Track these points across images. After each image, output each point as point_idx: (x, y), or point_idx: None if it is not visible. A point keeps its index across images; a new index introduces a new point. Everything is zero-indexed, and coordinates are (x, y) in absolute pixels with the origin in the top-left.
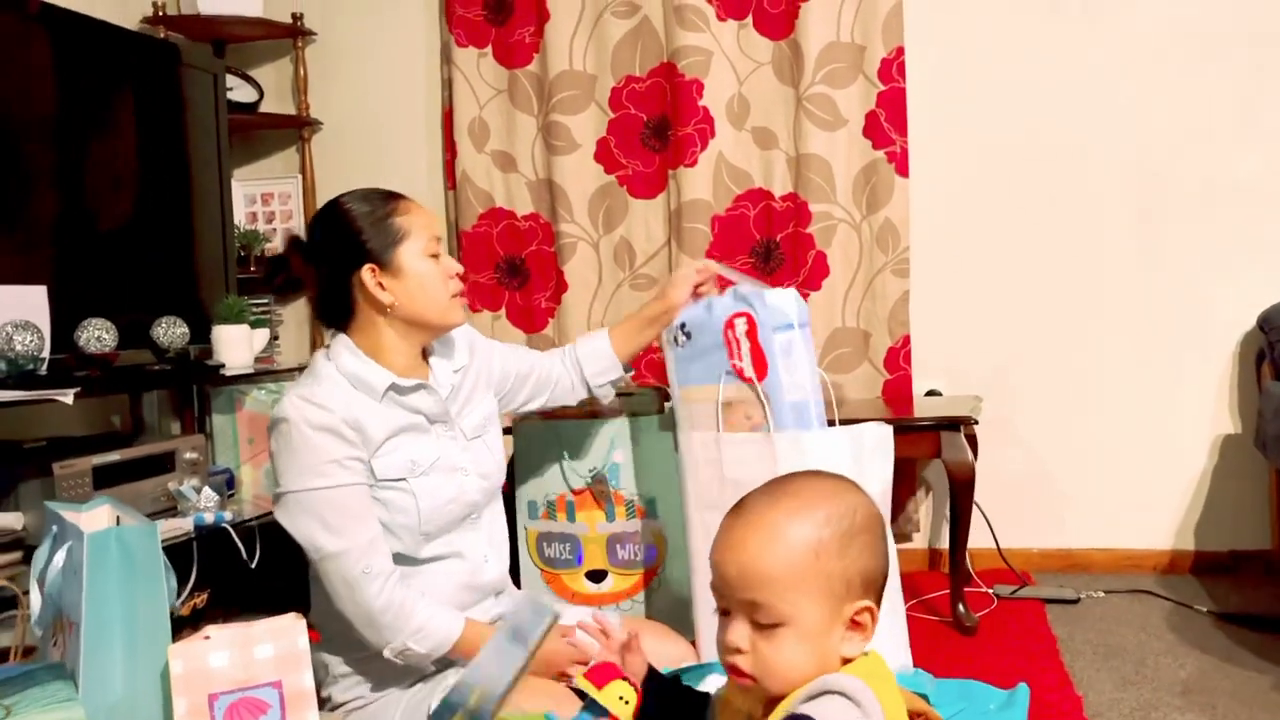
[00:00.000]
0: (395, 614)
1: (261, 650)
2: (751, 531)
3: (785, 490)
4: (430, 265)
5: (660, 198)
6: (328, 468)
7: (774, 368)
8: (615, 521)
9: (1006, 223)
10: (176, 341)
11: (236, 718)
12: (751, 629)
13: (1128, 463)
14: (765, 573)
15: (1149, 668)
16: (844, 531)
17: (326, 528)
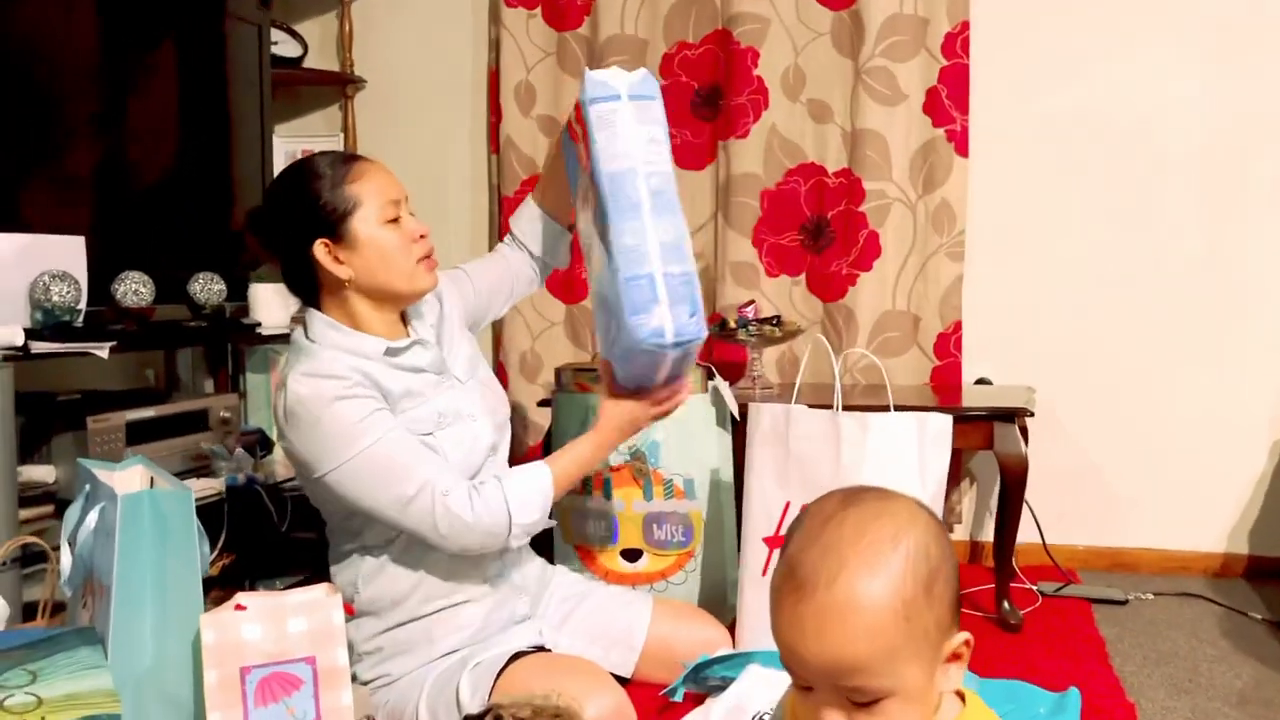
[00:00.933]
0: (492, 513)
1: (295, 624)
2: (827, 617)
3: (843, 543)
4: (387, 232)
5: (708, 169)
6: (362, 426)
7: (591, 141)
8: (653, 501)
9: (1067, 208)
10: (213, 298)
11: (269, 692)
12: (849, 708)
13: (1182, 461)
14: (857, 661)
15: (1203, 675)
16: (925, 577)
17: (390, 481)
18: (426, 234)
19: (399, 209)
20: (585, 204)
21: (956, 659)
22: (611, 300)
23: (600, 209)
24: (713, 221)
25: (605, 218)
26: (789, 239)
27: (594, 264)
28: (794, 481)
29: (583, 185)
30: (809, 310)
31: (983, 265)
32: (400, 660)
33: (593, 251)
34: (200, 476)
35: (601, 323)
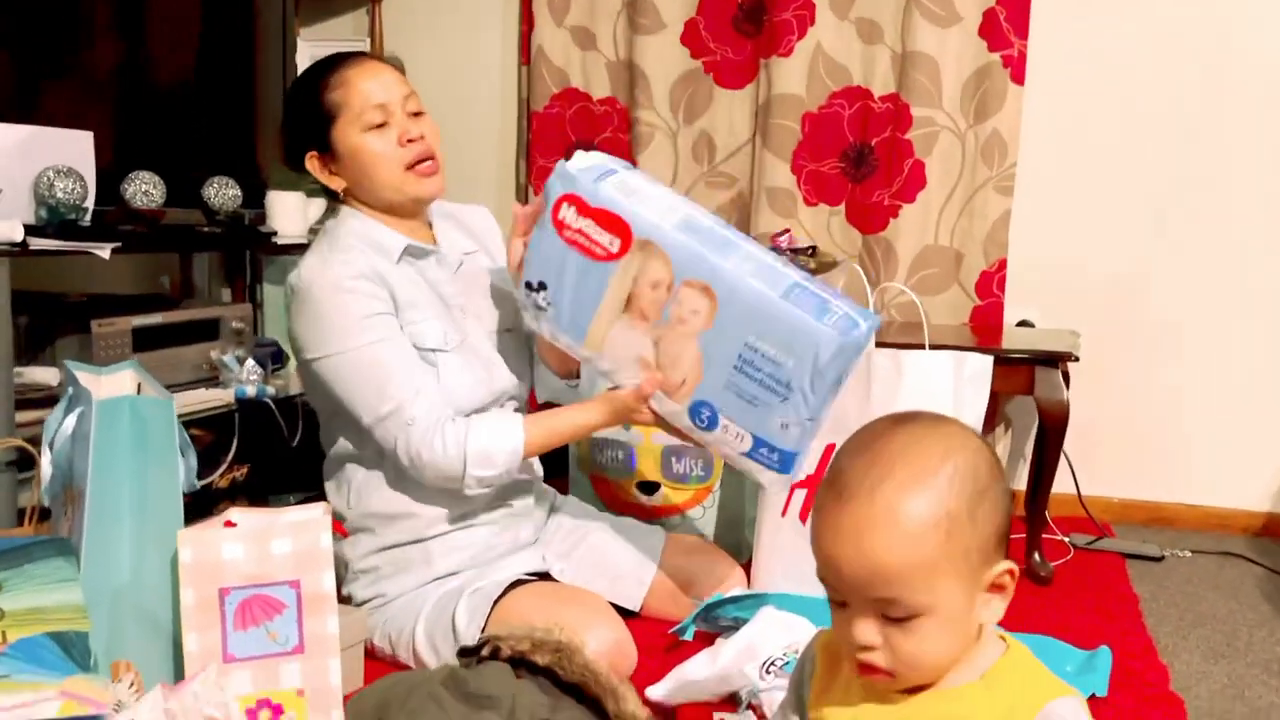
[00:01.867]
0: (449, 459)
1: (279, 545)
2: (867, 523)
3: (891, 455)
4: (368, 140)
5: (748, 89)
6: (362, 324)
7: (628, 213)
8: None
9: (1126, 144)
10: (228, 203)
11: (249, 615)
12: (883, 623)
13: (1228, 416)
14: (893, 570)
15: (1241, 640)
16: (971, 495)
17: (369, 389)
18: (419, 137)
19: (385, 114)
20: (645, 293)
21: (999, 590)
22: (763, 333)
23: (683, 269)
24: (750, 144)
25: (701, 266)
26: (829, 166)
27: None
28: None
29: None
30: (847, 242)
31: (1032, 201)
32: (397, 580)
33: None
34: (209, 387)
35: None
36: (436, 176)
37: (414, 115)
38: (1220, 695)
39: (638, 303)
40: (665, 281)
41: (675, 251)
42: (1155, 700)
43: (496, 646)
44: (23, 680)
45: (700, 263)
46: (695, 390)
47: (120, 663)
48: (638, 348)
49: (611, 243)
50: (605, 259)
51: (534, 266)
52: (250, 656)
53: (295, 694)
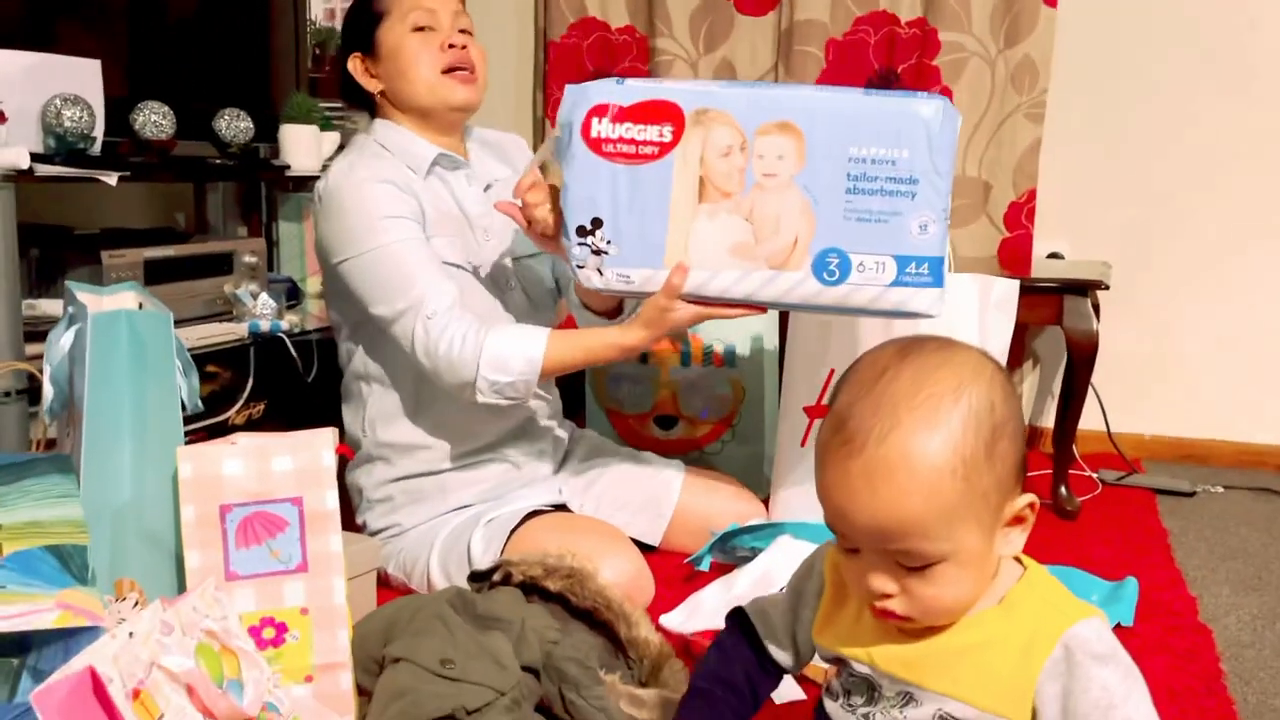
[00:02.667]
0: (463, 358)
1: (280, 463)
2: (878, 474)
3: (897, 398)
4: (410, 40)
5: (770, 15)
6: (386, 224)
7: (671, 91)
8: (691, 367)
9: (1161, 70)
10: (239, 136)
11: (250, 533)
12: (899, 571)
13: (1262, 348)
14: (909, 522)
15: (1273, 573)
16: (987, 435)
17: (389, 286)
18: (460, 44)
19: (432, 18)
20: (719, 181)
21: (1019, 522)
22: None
23: (750, 119)
24: (773, 73)
25: (770, 107)
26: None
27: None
28: (838, 347)
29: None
30: None
31: (1064, 130)
32: (411, 510)
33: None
34: (223, 321)
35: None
36: (473, 85)
37: (462, 32)
38: (1249, 626)
39: (713, 183)
40: (737, 143)
41: (736, 106)
42: (1182, 630)
43: (508, 572)
44: (19, 591)
45: (768, 104)
46: (813, 242)
47: (124, 580)
48: (732, 234)
49: (663, 132)
50: (660, 155)
51: (577, 208)
52: (253, 574)
53: (299, 612)
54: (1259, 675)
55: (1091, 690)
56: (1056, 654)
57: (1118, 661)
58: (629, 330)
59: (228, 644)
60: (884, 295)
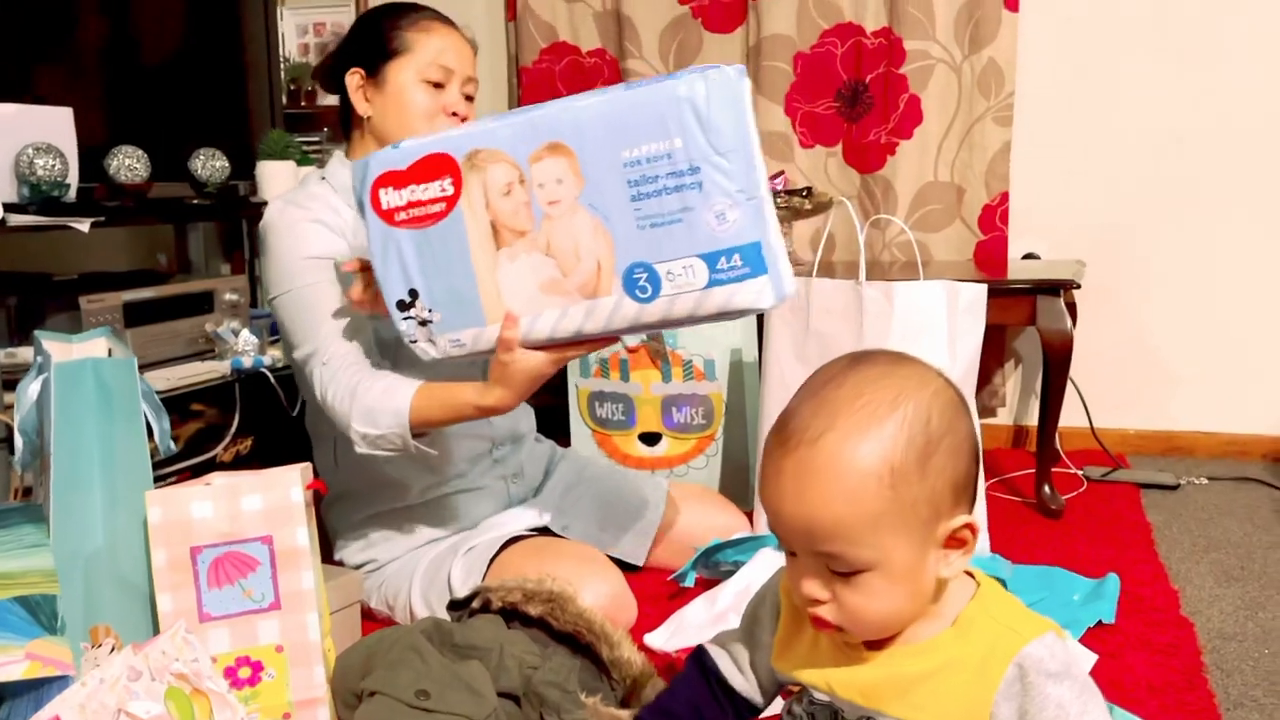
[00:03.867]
0: (341, 407)
1: (250, 502)
2: (807, 473)
3: (837, 402)
4: (420, 92)
5: (738, 32)
6: (303, 264)
7: (438, 142)
8: (671, 383)
9: (1125, 67)
10: (216, 175)
11: (222, 573)
12: (829, 577)
13: (1241, 339)
14: (833, 523)
15: (1256, 562)
16: (921, 447)
17: (299, 329)
18: (463, 115)
19: (446, 76)
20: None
21: (959, 544)
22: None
23: (520, 148)
24: None
25: (532, 130)
26: (824, 106)
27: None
28: (813, 358)
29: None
30: (845, 183)
31: (1033, 131)
32: (386, 546)
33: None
34: (206, 360)
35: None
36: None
37: (468, 98)
38: (1231, 617)
39: (504, 225)
40: (515, 177)
41: (503, 139)
42: (1163, 624)
43: (488, 599)
44: None
45: (532, 129)
46: (616, 261)
47: (99, 627)
48: (539, 272)
49: (444, 187)
50: (447, 210)
51: (390, 283)
52: (226, 614)
53: (274, 650)
54: (1241, 667)
55: (1047, 709)
56: (1010, 674)
57: (1072, 678)
58: (487, 391)
59: (199, 686)
60: (705, 299)
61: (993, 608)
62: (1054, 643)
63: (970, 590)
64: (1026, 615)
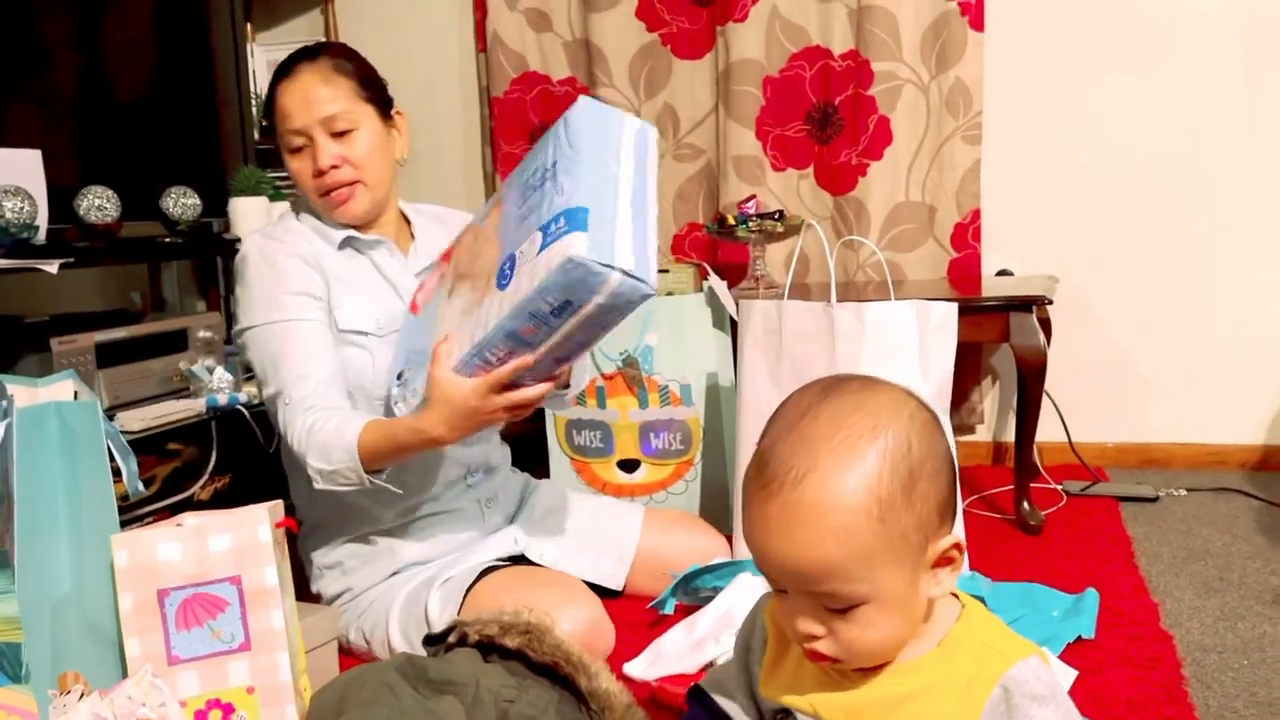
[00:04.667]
0: (304, 437)
1: (217, 543)
2: (794, 516)
3: (814, 439)
4: (290, 162)
5: (707, 58)
6: (280, 299)
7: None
8: (649, 409)
9: (1093, 83)
10: (188, 213)
11: (190, 615)
12: (824, 613)
13: (1217, 349)
14: (825, 563)
15: (1235, 573)
16: (905, 476)
17: (269, 365)
18: (330, 168)
19: (304, 138)
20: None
21: (947, 563)
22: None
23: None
24: (713, 114)
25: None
26: (794, 129)
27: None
28: (788, 381)
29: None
30: (818, 205)
31: (1002, 149)
32: (363, 573)
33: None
34: (181, 398)
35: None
36: (351, 203)
37: (338, 135)
38: (1211, 629)
39: (457, 275)
40: (472, 234)
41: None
42: (1144, 638)
43: (464, 633)
44: None
45: (488, 205)
46: (498, 264)
47: (68, 673)
48: (464, 300)
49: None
50: (438, 286)
51: (393, 363)
52: (195, 657)
53: (245, 691)
54: (1221, 679)
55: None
56: (995, 696)
57: (1057, 702)
58: (422, 415)
59: None
60: (538, 264)
61: (978, 629)
62: (1039, 666)
63: (955, 611)
64: (1011, 638)
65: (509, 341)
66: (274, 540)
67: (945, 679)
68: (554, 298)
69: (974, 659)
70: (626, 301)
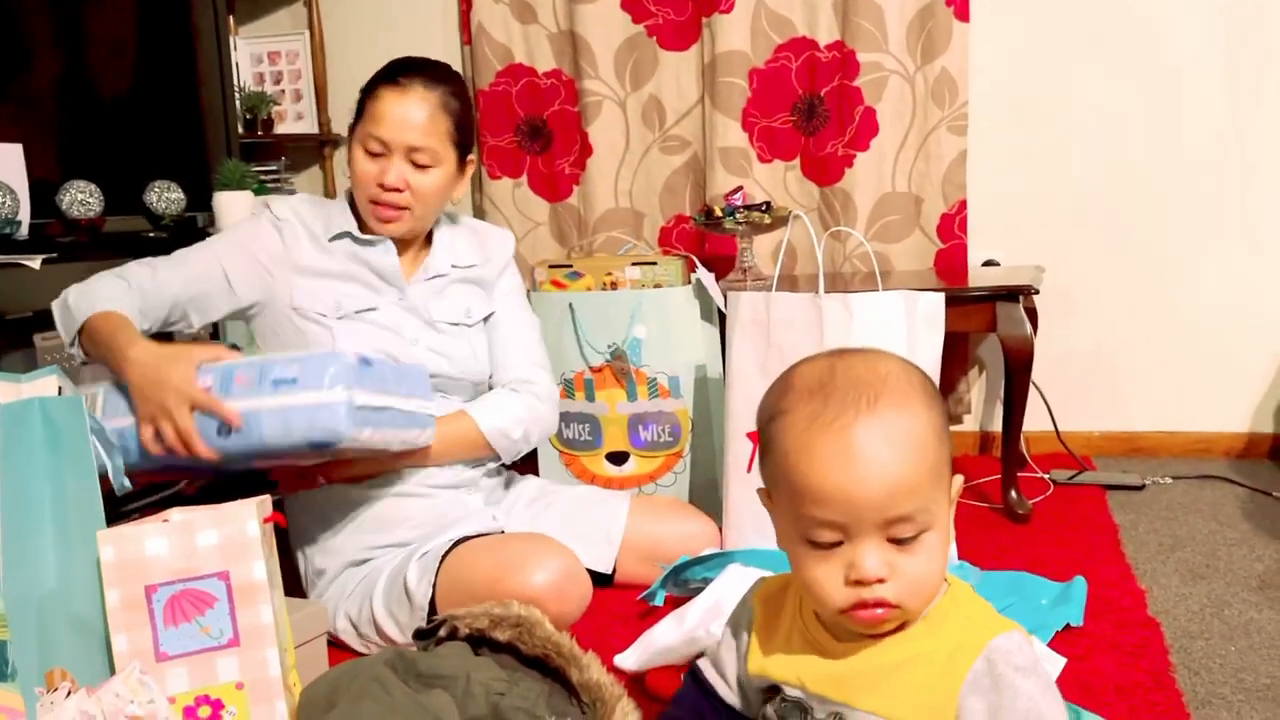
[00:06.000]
0: (91, 282)
1: (205, 538)
2: (879, 438)
3: (866, 375)
4: (360, 157)
5: (693, 49)
6: (228, 243)
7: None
8: (637, 401)
9: (1078, 73)
10: (172, 207)
11: (179, 611)
12: (889, 550)
13: (1203, 338)
14: (913, 480)
15: (1221, 560)
16: (940, 409)
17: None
18: (394, 187)
19: (383, 147)
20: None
21: (952, 505)
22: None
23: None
24: (699, 106)
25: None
26: (781, 120)
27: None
28: (775, 371)
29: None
30: (804, 196)
31: (988, 139)
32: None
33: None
34: None
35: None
36: (393, 225)
37: (418, 165)
38: (1198, 615)
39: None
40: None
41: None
42: (1131, 625)
43: (454, 626)
44: None
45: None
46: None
47: (55, 670)
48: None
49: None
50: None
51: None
52: (184, 653)
53: (234, 687)
54: (1208, 665)
55: (1020, 700)
56: (978, 667)
57: (1039, 675)
58: (140, 347)
59: None
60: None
61: (964, 605)
62: (1021, 640)
63: (942, 589)
64: (995, 615)
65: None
66: (262, 535)
67: (929, 650)
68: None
69: (958, 631)
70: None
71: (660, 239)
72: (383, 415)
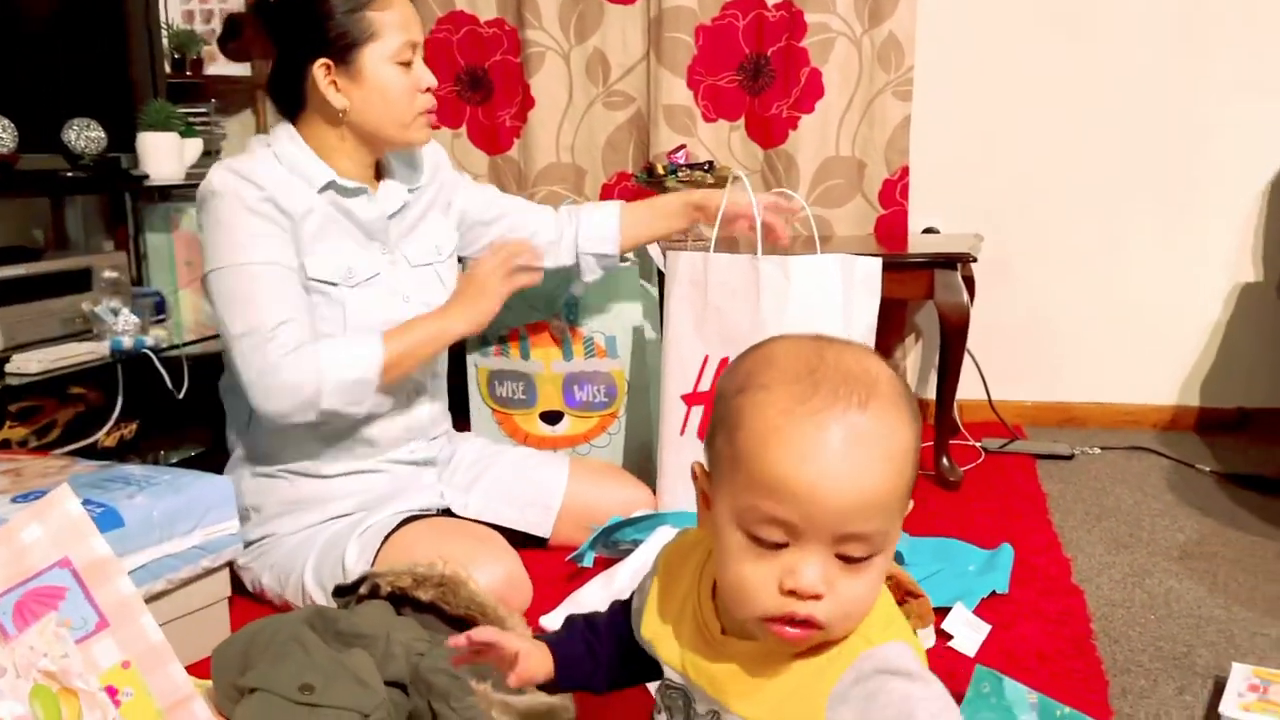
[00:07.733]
0: (302, 366)
1: (30, 533)
2: (864, 442)
3: (856, 371)
4: (396, 74)
5: (639, 4)
6: (253, 242)
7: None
8: (573, 360)
9: (1023, 42)
10: (91, 146)
11: (30, 614)
12: (833, 566)
13: (1135, 311)
14: (885, 499)
15: (1145, 530)
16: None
17: (242, 303)
18: (435, 87)
19: (415, 52)
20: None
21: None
22: None
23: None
24: (644, 61)
25: None
26: (726, 79)
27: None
28: (712, 333)
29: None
30: (748, 157)
31: (932, 105)
32: (286, 520)
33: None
34: (83, 340)
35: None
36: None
37: (423, 63)
38: (1120, 585)
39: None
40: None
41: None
42: (1055, 593)
43: (375, 584)
44: None
45: None
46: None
47: None
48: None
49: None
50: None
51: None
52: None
53: (121, 667)
54: (1128, 634)
55: (892, 705)
56: (847, 676)
57: (925, 681)
58: (448, 314)
59: (68, 684)
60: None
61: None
62: (903, 649)
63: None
64: (887, 623)
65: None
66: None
67: (806, 658)
68: None
69: (840, 641)
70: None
71: (601, 195)
72: None
